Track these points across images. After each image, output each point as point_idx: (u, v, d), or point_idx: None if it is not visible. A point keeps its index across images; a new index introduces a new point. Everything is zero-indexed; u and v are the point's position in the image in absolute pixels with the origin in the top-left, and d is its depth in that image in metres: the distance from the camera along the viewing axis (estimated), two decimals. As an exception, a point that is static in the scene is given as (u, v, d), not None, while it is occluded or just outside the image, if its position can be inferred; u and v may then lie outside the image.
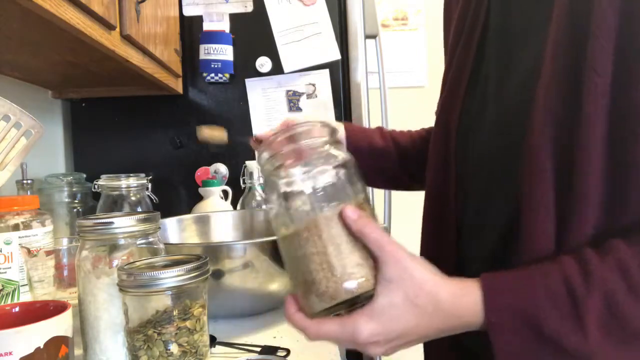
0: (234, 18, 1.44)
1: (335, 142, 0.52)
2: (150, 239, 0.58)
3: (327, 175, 0.49)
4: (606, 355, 0.45)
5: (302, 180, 0.49)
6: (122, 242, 0.56)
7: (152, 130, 1.45)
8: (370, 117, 1.47)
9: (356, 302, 0.48)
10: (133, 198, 1.13)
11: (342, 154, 0.51)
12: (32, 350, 0.44)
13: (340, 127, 0.84)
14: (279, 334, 0.73)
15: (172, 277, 0.49)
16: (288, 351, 0.65)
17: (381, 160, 0.84)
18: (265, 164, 0.52)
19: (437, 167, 0.68)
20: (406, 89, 2.72)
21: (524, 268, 0.49)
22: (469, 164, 0.63)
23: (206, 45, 1.41)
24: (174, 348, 0.49)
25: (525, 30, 0.57)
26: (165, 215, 0.91)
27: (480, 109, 0.62)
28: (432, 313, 0.46)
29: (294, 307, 0.50)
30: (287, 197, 0.49)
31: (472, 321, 0.47)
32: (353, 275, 0.46)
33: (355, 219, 0.47)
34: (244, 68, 1.45)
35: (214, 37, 1.41)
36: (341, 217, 0.47)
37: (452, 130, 0.65)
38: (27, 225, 0.77)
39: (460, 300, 0.47)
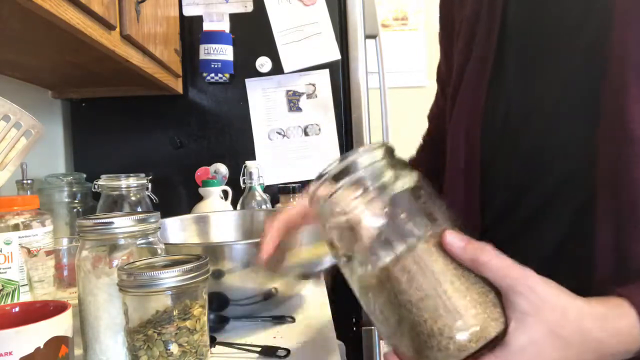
0: (234, 18, 1.44)
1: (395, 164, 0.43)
2: (150, 239, 0.58)
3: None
4: None
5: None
6: (122, 242, 0.56)
7: (152, 130, 1.45)
8: (370, 117, 1.47)
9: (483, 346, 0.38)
10: (133, 198, 1.13)
11: (410, 174, 0.42)
12: (32, 350, 0.44)
13: None
14: (279, 334, 0.73)
15: (172, 277, 0.49)
16: (288, 351, 0.65)
17: None
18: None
19: (457, 183, 0.62)
20: (406, 89, 2.72)
21: None
22: (505, 170, 0.58)
23: (206, 45, 1.41)
24: (174, 348, 0.49)
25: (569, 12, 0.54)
26: (165, 215, 0.91)
27: (515, 110, 0.57)
28: (580, 344, 0.39)
29: None
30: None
31: (631, 348, 0.39)
32: (480, 318, 0.38)
33: (463, 245, 0.39)
34: (244, 68, 1.45)
35: (214, 37, 1.41)
36: (442, 246, 0.40)
37: (477, 138, 0.60)
38: (27, 225, 0.77)
39: (613, 324, 0.39)
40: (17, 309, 0.52)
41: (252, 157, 1.44)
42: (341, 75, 1.46)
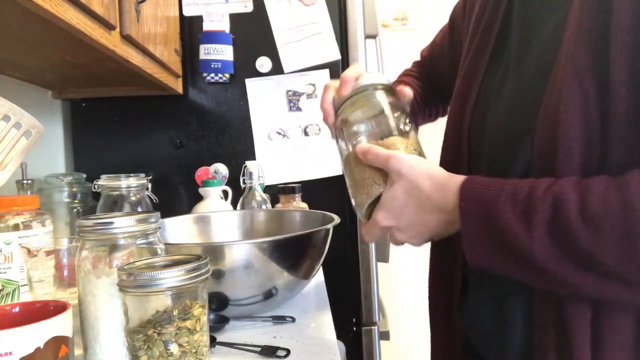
0: (234, 18, 1.44)
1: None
2: (150, 239, 0.58)
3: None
4: (550, 264, 0.47)
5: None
6: (122, 242, 0.56)
7: (152, 130, 1.45)
8: (370, 117, 1.47)
9: None
10: (133, 198, 1.13)
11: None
12: (32, 350, 0.44)
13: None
14: (278, 334, 0.73)
15: (172, 277, 0.49)
16: (288, 351, 0.65)
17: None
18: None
19: (449, 147, 0.68)
20: (406, 89, 2.71)
21: None
22: (483, 143, 0.62)
23: (206, 45, 1.41)
24: (174, 348, 0.49)
25: (547, 3, 0.57)
26: (165, 215, 0.91)
27: (499, 85, 0.61)
28: (418, 197, 0.56)
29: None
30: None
31: (451, 202, 0.53)
32: (360, 193, 0.61)
33: (362, 150, 0.60)
34: (244, 68, 1.45)
35: (214, 37, 1.41)
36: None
37: (468, 110, 0.64)
38: (27, 225, 0.77)
39: (443, 187, 0.54)
40: (17, 309, 0.52)
41: (252, 157, 1.44)
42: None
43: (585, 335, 0.49)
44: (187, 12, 1.43)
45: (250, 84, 1.45)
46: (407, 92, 0.68)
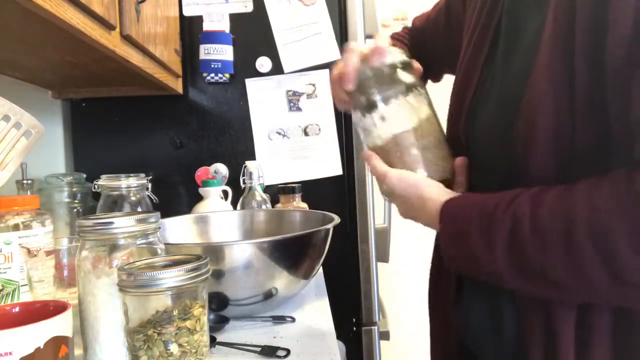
0: (234, 18, 1.44)
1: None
2: (150, 239, 0.58)
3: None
4: (513, 278, 0.50)
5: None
6: (122, 242, 0.56)
7: (152, 130, 1.45)
8: (370, 117, 1.47)
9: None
10: (133, 198, 1.13)
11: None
12: (32, 350, 0.44)
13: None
14: (279, 334, 0.73)
15: (172, 277, 0.49)
16: (288, 351, 0.65)
17: None
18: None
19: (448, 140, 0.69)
20: (406, 89, 2.71)
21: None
22: (476, 138, 0.63)
23: (206, 45, 1.41)
24: (174, 348, 0.49)
25: (533, 3, 0.58)
26: (165, 215, 0.91)
27: (492, 81, 0.62)
28: (416, 214, 0.62)
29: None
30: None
31: (434, 219, 0.57)
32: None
33: (364, 159, 0.66)
34: (244, 68, 1.45)
35: (214, 37, 1.41)
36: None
37: (465, 106, 0.65)
38: (27, 225, 0.77)
39: (427, 209, 0.59)
40: (17, 309, 0.52)
41: (252, 157, 1.44)
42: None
43: (570, 336, 0.50)
44: (187, 12, 1.43)
45: (250, 84, 1.45)
46: (419, 67, 0.69)
